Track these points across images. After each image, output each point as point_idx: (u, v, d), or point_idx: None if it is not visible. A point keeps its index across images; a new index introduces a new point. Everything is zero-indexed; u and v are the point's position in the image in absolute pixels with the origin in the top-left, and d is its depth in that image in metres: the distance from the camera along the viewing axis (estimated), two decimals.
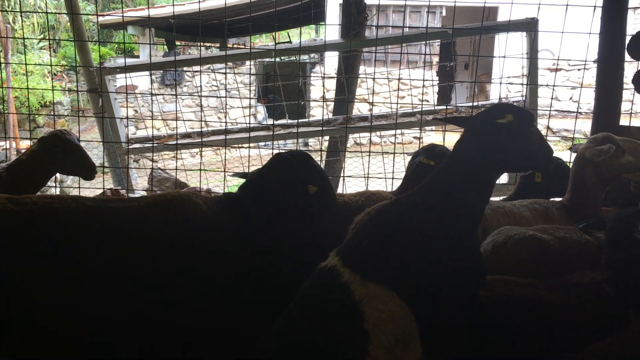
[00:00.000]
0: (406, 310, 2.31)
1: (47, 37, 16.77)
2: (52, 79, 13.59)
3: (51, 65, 7.20)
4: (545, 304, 2.70)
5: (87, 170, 4.55)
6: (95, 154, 14.74)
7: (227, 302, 2.91)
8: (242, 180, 3.54)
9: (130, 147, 6.76)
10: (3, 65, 10.84)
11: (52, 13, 8.60)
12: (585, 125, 12.40)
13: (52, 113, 14.26)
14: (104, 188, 5.65)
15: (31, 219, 2.57)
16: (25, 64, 6.74)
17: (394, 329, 2.26)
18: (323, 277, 2.45)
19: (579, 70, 17.61)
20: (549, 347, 2.62)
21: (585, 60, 5.27)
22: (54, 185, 8.58)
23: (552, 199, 3.96)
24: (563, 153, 10.40)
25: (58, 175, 5.09)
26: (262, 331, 2.43)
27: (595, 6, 5.00)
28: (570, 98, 18.07)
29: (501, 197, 4.81)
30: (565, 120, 16.45)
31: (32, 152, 4.41)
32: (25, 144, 12.49)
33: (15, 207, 2.59)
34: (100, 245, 2.62)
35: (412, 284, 2.38)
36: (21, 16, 16.96)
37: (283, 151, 3.69)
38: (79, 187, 5.86)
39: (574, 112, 6.11)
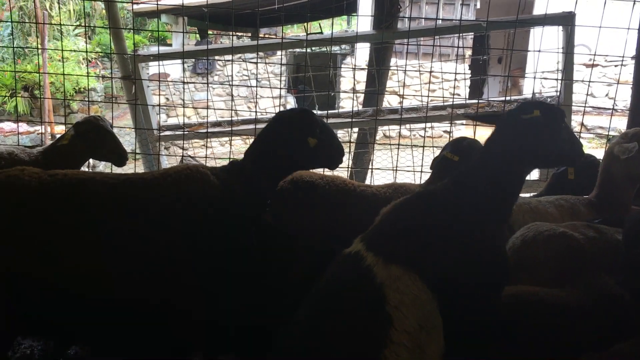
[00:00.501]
0: (429, 296, 2.29)
1: (83, 24, 17.02)
2: (87, 65, 13.81)
3: (86, 52, 7.32)
4: (559, 306, 2.67)
5: (118, 157, 4.63)
6: (127, 140, 14.96)
7: (237, 264, 3.05)
8: None
9: (161, 134, 6.84)
10: (40, 51, 11.05)
11: (88, 0, 8.73)
12: (621, 123, 12.13)
13: (86, 99, 14.50)
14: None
15: (62, 186, 2.92)
16: (62, 50, 6.88)
17: (417, 314, 2.24)
18: (346, 262, 2.46)
19: (616, 66, 17.19)
20: (561, 349, 2.59)
21: (623, 56, 5.16)
22: (87, 170, 8.73)
23: (579, 196, 3.89)
24: (597, 151, 10.20)
25: (91, 160, 5.20)
26: (270, 293, 2.55)
27: (635, 0, 4.88)
28: (606, 95, 17.68)
29: (532, 194, 4.74)
30: (601, 118, 16.10)
31: (67, 137, 4.51)
32: (59, 129, 12.75)
33: (48, 177, 2.93)
34: (120, 210, 2.92)
35: (436, 270, 2.37)
36: (58, 3, 17.27)
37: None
38: (111, 173, 5.96)
39: (609, 109, 5.98)
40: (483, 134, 4.50)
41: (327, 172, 4.20)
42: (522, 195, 4.59)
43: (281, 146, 3.30)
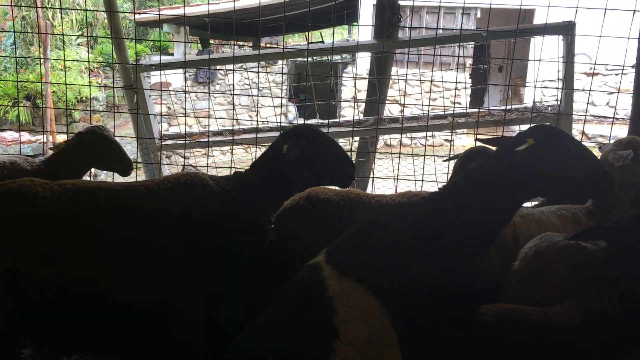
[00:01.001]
0: (382, 312, 2.26)
1: (85, 34, 17.10)
2: (89, 75, 13.87)
3: (88, 61, 7.36)
4: (547, 324, 2.66)
5: (124, 166, 4.64)
6: (129, 149, 14.96)
7: (232, 270, 3.12)
8: None
9: (163, 143, 6.86)
10: (42, 60, 11.10)
11: (90, 10, 8.77)
12: (622, 132, 12.14)
13: (88, 108, 14.55)
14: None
15: (72, 196, 3.04)
16: (64, 59, 6.89)
17: (365, 329, 2.21)
18: (306, 272, 2.47)
19: (616, 75, 17.23)
20: None
21: (624, 65, 5.17)
22: (88, 179, 8.75)
23: (578, 205, 3.87)
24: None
25: (92, 170, 5.21)
26: (263, 301, 2.61)
27: (635, 10, 4.90)
28: (607, 103, 17.70)
29: (534, 204, 4.73)
30: (602, 126, 16.11)
31: (69, 147, 4.52)
32: (61, 138, 12.78)
33: (58, 187, 3.08)
34: (124, 216, 3.03)
35: (395, 287, 2.33)
36: (60, 13, 17.34)
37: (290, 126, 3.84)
38: (113, 181, 5.97)
39: (610, 117, 5.99)
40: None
41: None
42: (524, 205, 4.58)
43: (289, 165, 3.34)
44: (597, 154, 3.77)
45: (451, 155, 5.06)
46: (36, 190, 2.99)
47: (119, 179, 4.82)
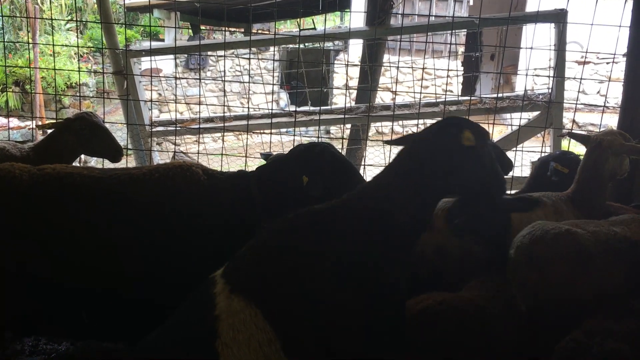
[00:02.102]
0: (270, 337, 2.02)
1: (75, 19, 16.93)
2: (78, 60, 13.72)
3: (78, 46, 7.29)
4: (472, 314, 2.69)
5: (114, 152, 4.61)
6: (119, 135, 14.86)
7: (214, 262, 2.97)
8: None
9: (153, 129, 6.82)
10: (31, 45, 10.99)
11: None
12: (612, 120, 12.19)
13: (77, 94, 14.41)
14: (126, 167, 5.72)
15: (51, 180, 3.00)
16: (53, 45, 6.83)
17: (249, 354, 2.01)
18: (205, 285, 2.26)
19: (607, 63, 17.26)
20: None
21: (615, 54, 5.18)
22: (78, 165, 8.68)
23: (558, 193, 3.83)
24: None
25: (82, 156, 5.17)
26: None
27: None
28: (598, 92, 17.76)
29: (515, 191, 4.75)
30: (592, 115, 16.17)
31: (58, 134, 4.48)
32: (51, 122, 12.66)
33: (38, 171, 3.05)
34: (107, 205, 2.99)
35: (284, 311, 2.07)
36: None
37: (308, 142, 3.71)
38: (103, 168, 5.94)
39: (601, 106, 6.01)
40: None
41: None
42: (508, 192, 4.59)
43: (286, 178, 3.25)
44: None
45: None
46: (14, 173, 2.97)
47: (109, 165, 4.80)
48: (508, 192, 5.08)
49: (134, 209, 3.02)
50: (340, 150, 3.95)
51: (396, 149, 4.58)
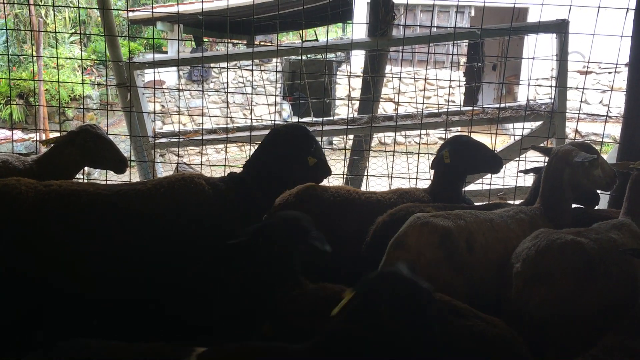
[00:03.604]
0: None
1: (78, 32, 17.03)
2: (82, 72, 13.80)
3: (81, 59, 7.32)
4: None
5: (118, 164, 4.62)
6: (123, 147, 14.89)
7: (223, 269, 3.11)
8: None
9: (156, 141, 6.84)
10: (35, 58, 11.04)
11: (83, 8, 8.76)
12: (614, 130, 12.19)
13: (81, 106, 14.48)
14: (130, 181, 5.73)
15: (56, 196, 3.01)
16: (57, 57, 6.87)
17: None
18: None
19: (609, 73, 17.28)
20: None
21: (617, 64, 5.18)
22: (81, 177, 8.70)
23: (529, 206, 3.83)
24: None
25: (86, 168, 5.18)
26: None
27: (627, 8, 4.91)
28: (600, 101, 17.76)
29: (520, 201, 4.71)
30: (595, 124, 16.17)
31: (62, 147, 4.48)
32: (54, 137, 12.70)
33: (44, 187, 3.03)
34: (114, 220, 3.02)
35: None
36: (53, 10, 17.23)
37: (280, 125, 3.89)
38: (106, 180, 5.96)
39: (603, 115, 6.02)
40: (479, 140, 4.52)
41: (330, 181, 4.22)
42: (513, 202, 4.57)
43: (281, 163, 3.41)
44: None
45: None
46: (20, 189, 2.98)
47: (112, 176, 4.81)
48: (511, 202, 5.08)
49: (141, 224, 3.04)
50: (342, 161, 4.06)
51: (398, 160, 4.59)
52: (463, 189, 4.74)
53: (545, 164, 3.84)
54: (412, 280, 2.27)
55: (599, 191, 4.27)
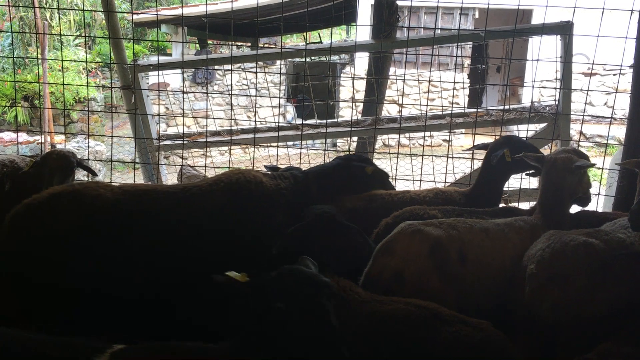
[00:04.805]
0: None
1: (83, 35, 17.09)
2: (86, 75, 13.84)
3: (86, 62, 7.35)
4: None
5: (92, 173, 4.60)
6: (127, 149, 14.96)
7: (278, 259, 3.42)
8: None
9: (161, 143, 6.85)
10: (40, 61, 11.09)
11: (88, 10, 8.80)
12: (619, 132, 12.16)
13: (86, 109, 14.53)
14: (134, 183, 5.75)
15: (131, 196, 3.34)
16: (62, 60, 6.88)
17: None
18: None
19: (614, 75, 17.25)
20: None
21: (621, 65, 5.17)
22: (86, 180, 8.73)
23: (527, 216, 3.74)
24: (596, 159, 10.19)
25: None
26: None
27: (632, 10, 4.90)
28: (605, 103, 17.72)
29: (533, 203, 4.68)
30: (599, 126, 16.13)
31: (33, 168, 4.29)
32: (59, 139, 12.75)
33: (118, 189, 3.37)
34: (183, 216, 3.34)
35: None
36: (58, 13, 17.32)
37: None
38: (111, 182, 5.97)
39: (608, 117, 6.00)
40: (484, 141, 4.51)
41: None
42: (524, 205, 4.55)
43: (343, 170, 4.00)
44: (599, 159, 3.75)
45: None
46: (99, 191, 3.28)
47: (116, 179, 4.80)
48: (515, 204, 5.06)
49: (207, 218, 3.35)
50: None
51: (402, 162, 4.59)
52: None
53: (544, 173, 3.74)
54: (310, 277, 2.29)
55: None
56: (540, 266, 3.01)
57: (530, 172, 4.32)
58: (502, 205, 4.53)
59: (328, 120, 6.56)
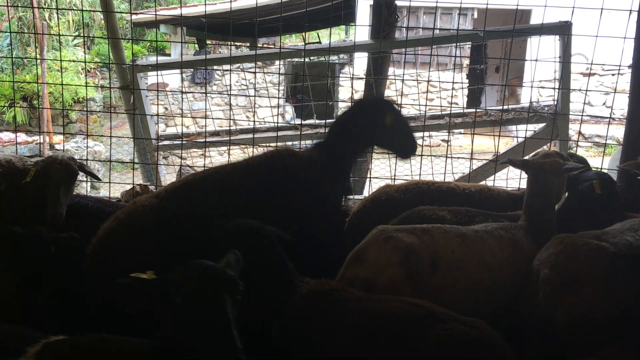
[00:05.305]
0: None
1: (82, 35, 17.08)
2: (85, 75, 13.82)
3: (85, 62, 7.34)
4: None
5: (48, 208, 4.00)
6: (126, 149, 14.95)
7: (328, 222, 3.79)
8: None
9: (159, 143, 6.85)
10: (38, 61, 11.09)
11: (87, 11, 8.81)
12: (618, 132, 12.17)
13: (84, 109, 14.52)
14: (133, 183, 5.74)
15: (171, 202, 3.57)
16: (60, 60, 6.88)
17: None
18: None
19: (613, 75, 17.27)
20: None
21: (620, 65, 5.17)
22: (85, 180, 8.72)
23: (512, 223, 3.62)
24: (595, 159, 10.20)
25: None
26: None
27: (630, 10, 4.91)
28: (604, 103, 17.73)
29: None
30: (598, 126, 16.14)
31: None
32: (58, 139, 12.75)
33: (156, 198, 3.59)
34: (236, 192, 3.59)
35: None
36: (57, 13, 17.30)
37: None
38: (110, 182, 5.97)
39: (606, 117, 6.00)
40: (482, 142, 4.51)
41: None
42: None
43: (359, 122, 3.92)
44: (598, 159, 3.74)
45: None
46: (138, 208, 3.50)
47: (114, 179, 4.80)
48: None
49: (257, 189, 3.60)
50: None
51: (400, 162, 4.60)
52: None
53: (530, 178, 3.63)
54: (215, 271, 2.30)
55: None
56: (554, 271, 2.97)
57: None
58: None
59: (327, 120, 6.55)
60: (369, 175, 6.81)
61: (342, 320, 2.70)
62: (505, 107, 6.59)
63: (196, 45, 19.03)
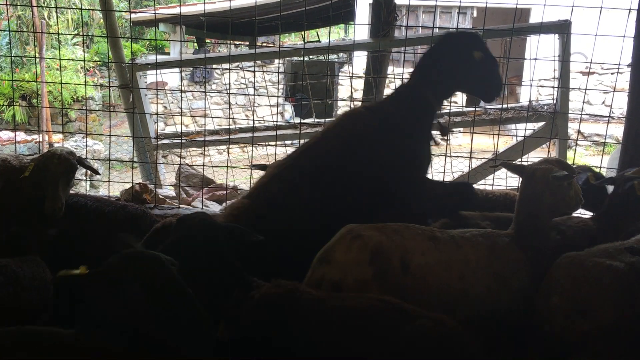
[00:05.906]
0: None
1: (81, 33, 17.07)
2: (84, 74, 13.84)
3: (84, 60, 7.33)
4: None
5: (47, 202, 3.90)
6: (125, 148, 14.95)
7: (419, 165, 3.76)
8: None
9: (159, 142, 6.85)
10: (37, 60, 11.07)
11: (86, 9, 8.80)
12: (617, 130, 12.18)
13: (84, 108, 14.52)
14: (132, 182, 5.74)
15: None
16: (59, 59, 6.87)
17: None
18: None
19: (612, 74, 17.27)
20: None
21: (619, 64, 5.17)
22: (84, 179, 8.73)
23: (498, 231, 3.39)
24: (595, 158, 10.21)
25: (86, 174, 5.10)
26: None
27: (630, 9, 4.90)
28: (603, 102, 17.74)
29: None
30: (597, 125, 16.15)
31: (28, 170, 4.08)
32: (57, 138, 12.74)
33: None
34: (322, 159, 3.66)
35: None
36: (56, 12, 17.29)
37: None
38: (109, 181, 5.97)
39: (606, 116, 6.01)
40: (481, 141, 4.51)
41: None
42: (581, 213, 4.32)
43: (448, 60, 3.70)
44: (597, 158, 3.71)
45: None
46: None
47: (114, 178, 4.79)
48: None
49: (344, 149, 3.62)
50: None
51: None
52: None
53: (521, 184, 3.45)
54: (151, 261, 2.33)
55: None
56: (563, 299, 2.85)
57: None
58: None
59: (326, 119, 6.55)
60: None
61: (302, 322, 2.59)
62: (505, 106, 6.59)
63: (195, 44, 19.03)
